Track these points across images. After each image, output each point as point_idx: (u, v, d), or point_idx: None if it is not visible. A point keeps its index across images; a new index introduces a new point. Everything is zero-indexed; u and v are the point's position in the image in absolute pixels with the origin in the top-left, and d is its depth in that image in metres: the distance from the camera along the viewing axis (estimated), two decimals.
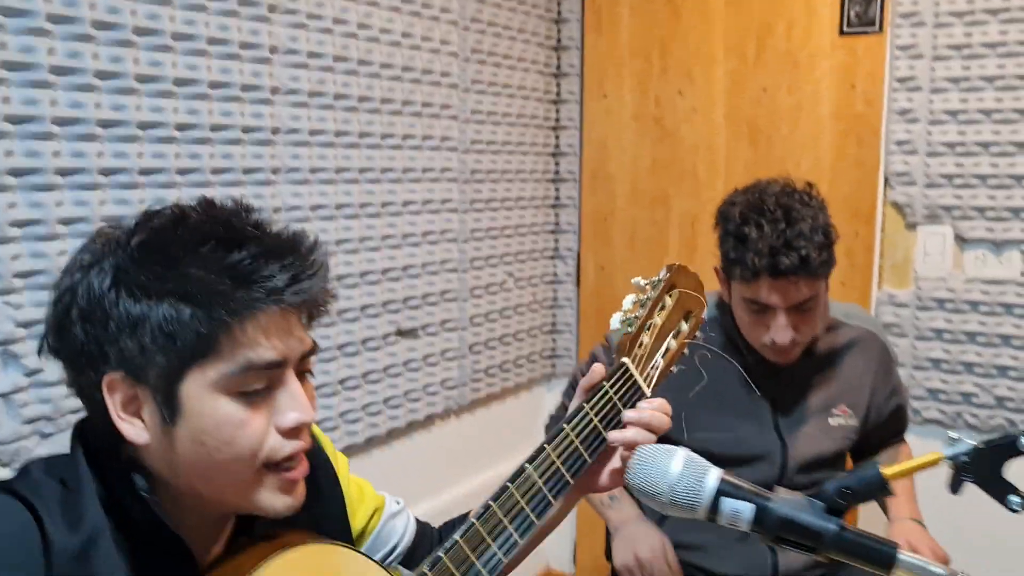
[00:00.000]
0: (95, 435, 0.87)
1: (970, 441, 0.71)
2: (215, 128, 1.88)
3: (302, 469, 0.89)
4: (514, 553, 1.01)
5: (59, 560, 0.78)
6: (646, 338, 1.15)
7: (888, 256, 2.60)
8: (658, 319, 1.17)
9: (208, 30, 1.85)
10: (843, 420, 1.77)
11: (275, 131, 2.02)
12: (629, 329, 1.13)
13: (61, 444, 0.90)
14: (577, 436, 1.07)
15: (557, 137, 3.07)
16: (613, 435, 1.08)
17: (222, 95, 1.89)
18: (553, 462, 1.05)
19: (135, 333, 0.81)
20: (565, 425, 1.07)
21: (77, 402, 0.89)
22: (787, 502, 0.73)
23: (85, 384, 0.85)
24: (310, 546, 0.91)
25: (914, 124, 2.49)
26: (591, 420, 1.09)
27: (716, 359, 1.72)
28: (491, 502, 1.01)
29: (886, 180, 2.56)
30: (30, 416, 1.57)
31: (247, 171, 1.96)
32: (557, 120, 3.06)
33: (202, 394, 0.82)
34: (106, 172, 1.68)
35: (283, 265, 0.84)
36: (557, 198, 3.10)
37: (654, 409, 1.10)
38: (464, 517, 1.10)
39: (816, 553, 0.72)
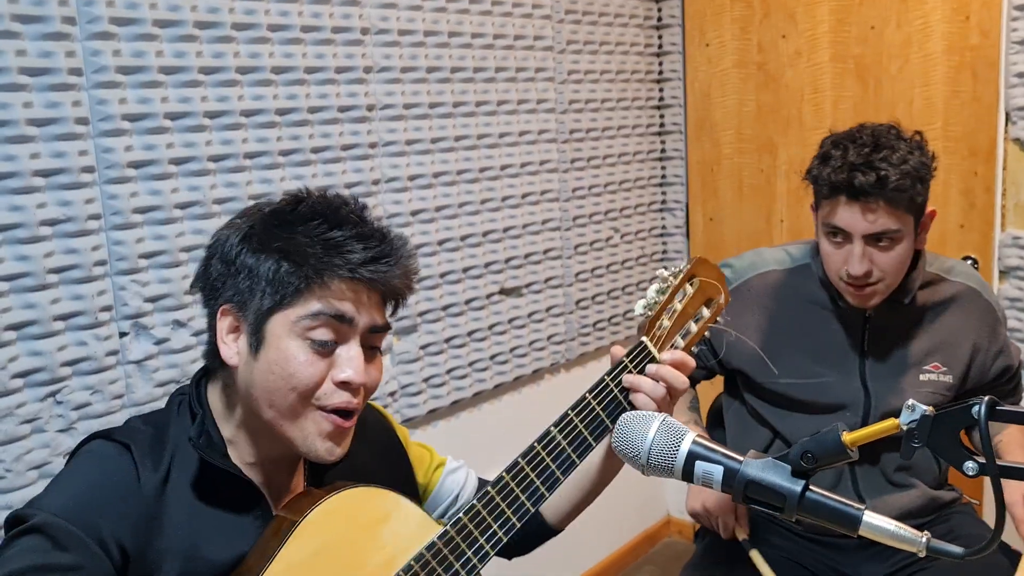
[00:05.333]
0: (187, 397, 1.11)
1: (923, 407, 0.73)
2: (312, 110, 2.01)
3: (349, 423, 1.06)
4: (539, 505, 1.15)
5: (146, 491, 1.01)
6: (666, 321, 1.24)
7: (1011, 196, 2.46)
8: (678, 304, 1.26)
9: (302, 19, 1.98)
10: (935, 376, 1.72)
11: (370, 108, 2.14)
12: (650, 313, 1.24)
13: None
14: (599, 404, 1.19)
15: (661, 89, 3.06)
16: (629, 378, 1.20)
17: (318, 79, 2.02)
18: (577, 426, 1.17)
19: (248, 276, 1.02)
20: (588, 394, 1.18)
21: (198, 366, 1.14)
22: (755, 465, 0.77)
23: (210, 310, 1.07)
24: (356, 489, 1.08)
25: None
26: (611, 390, 1.20)
27: (801, 304, 1.74)
28: (520, 459, 1.15)
29: (1007, 115, 2.42)
30: (160, 380, 1.78)
31: (345, 148, 2.09)
32: (660, 72, 3.05)
33: (281, 333, 1.02)
34: (215, 159, 1.85)
35: (366, 247, 1.03)
36: (663, 151, 3.10)
37: (670, 364, 1.21)
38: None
39: (783, 513, 0.76)
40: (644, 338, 1.23)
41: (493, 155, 2.46)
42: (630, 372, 1.20)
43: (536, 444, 1.16)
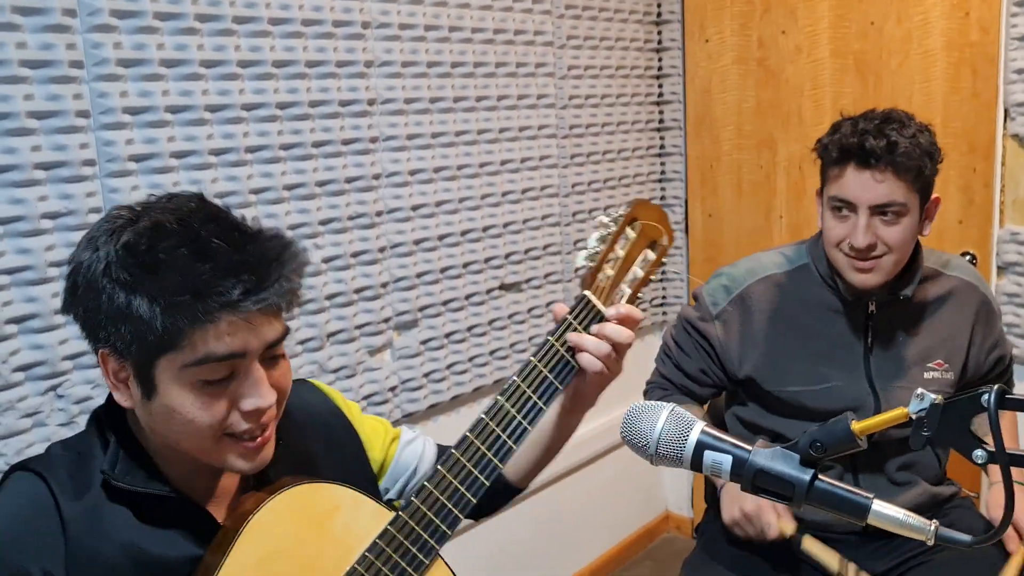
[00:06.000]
0: (107, 416, 1.05)
1: (932, 396, 0.73)
2: (313, 104, 2.01)
3: (263, 439, 1.01)
4: (494, 475, 1.13)
5: (71, 523, 0.96)
6: (609, 269, 1.21)
7: (1009, 192, 2.47)
8: (620, 251, 1.22)
9: (303, 12, 1.97)
10: (938, 374, 1.72)
11: (371, 102, 2.14)
12: (591, 263, 1.19)
13: None
14: (546, 366, 1.15)
15: (660, 85, 3.06)
16: (572, 337, 1.15)
17: (319, 73, 2.02)
18: (524, 391, 1.14)
19: (118, 322, 0.93)
20: (533, 358, 1.15)
21: None
22: (764, 454, 0.77)
23: (91, 345, 0.99)
24: (298, 487, 1.05)
25: None
26: (557, 351, 1.16)
27: (803, 306, 1.73)
28: (468, 433, 1.13)
29: (1006, 112, 2.42)
30: None
31: (346, 142, 2.09)
32: (660, 68, 3.05)
33: (170, 380, 0.95)
34: (216, 152, 1.84)
35: (239, 280, 0.93)
36: (662, 147, 3.10)
37: (615, 319, 1.17)
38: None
39: (791, 503, 0.77)
40: (586, 292, 1.18)
41: (493, 150, 2.46)
42: (575, 330, 1.16)
43: (484, 416, 1.13)
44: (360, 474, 1.23)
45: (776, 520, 1.64)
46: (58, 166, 1.61)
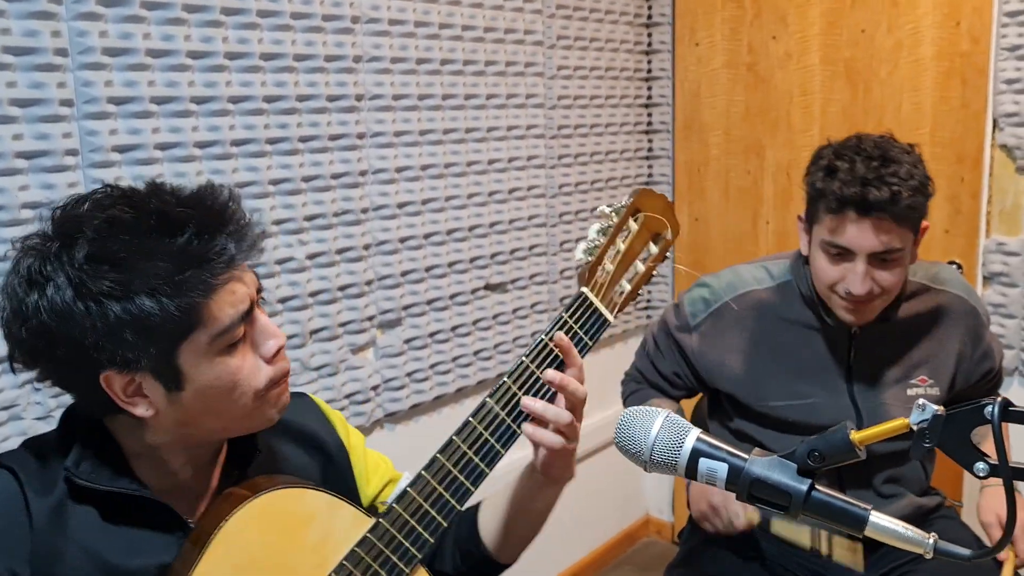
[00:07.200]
0: (80, 414, 1.02)
1: (934, 407, 0.72)
2: (301, 98, 1.98)
3: (286, 381, 1.04)
4: (480, 482, 1.10)
5: (37, 517, 0.95)
6: (609, 264, 1.14)
7: (997, 202, 2.48)
8: (622, 245, 1.15)
9: (292, 5, 1.95)
10: (922, 390, 1.69)
11: (359, 97, 2.12)
12: (590, 258, 1.13)
13: None
14: (533, 361, 1.11)
15: (649, 88, 3.05)
16: (531, 405, 1.12)
17: (307, 67, 1.99)
18: (509, 387, 1.11)
19: (117, 335, 0.89)
20: (524, 358, 1.11)
21: None
22: (760, 463, 0.76)
23: (80, 385, 0.95)
24: (274, 492, 1.02)
25: None
26: (549, 349, 1.11)
27: (784, 324, 1.71)
28: (454, 436, 1.10)
29: (994, 122, 2.43)
30: None
31: (333, 138, 2.06)
32: (649, 71, 3.04)
33: (198, 360, 0.94)
34: (201, 145, 1.81)
35: (226, 234, 0.94)
36: (650, 150, 3.09)
37: (559, 384, 1.10)
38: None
39: (788, 513, 0.75)
40: (584, 288, 1.12)
41: (481, 149, 2.44)
42: (571, 329, 1.11)
43: (471, 419, 1.11)
44: (345, 493, 1.19)
45: (743, 510, 1.65)
46: (40, 155, 1.58)
